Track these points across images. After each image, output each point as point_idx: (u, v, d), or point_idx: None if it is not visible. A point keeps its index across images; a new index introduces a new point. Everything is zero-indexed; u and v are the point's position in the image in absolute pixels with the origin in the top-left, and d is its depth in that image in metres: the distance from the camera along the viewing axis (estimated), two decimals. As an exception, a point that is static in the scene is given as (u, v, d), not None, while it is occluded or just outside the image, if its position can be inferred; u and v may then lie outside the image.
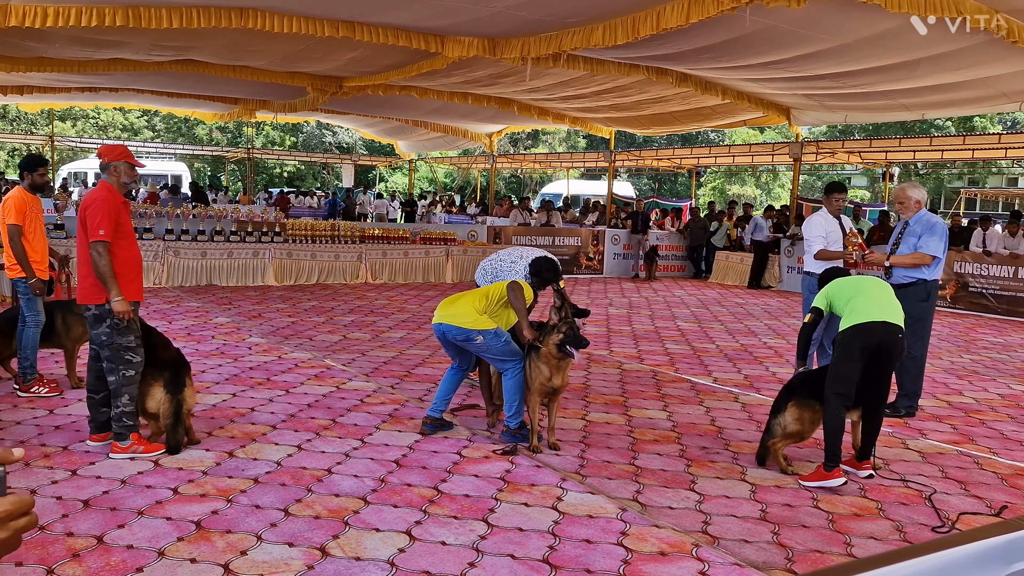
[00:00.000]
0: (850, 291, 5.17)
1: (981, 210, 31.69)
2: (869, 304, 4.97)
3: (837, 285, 5.30)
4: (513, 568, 3.57)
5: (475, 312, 5.33)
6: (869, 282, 5.27)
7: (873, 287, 5.18)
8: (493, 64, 12.53)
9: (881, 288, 5.19)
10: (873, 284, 5.23)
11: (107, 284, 4.75)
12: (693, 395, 7.11)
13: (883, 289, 5.19)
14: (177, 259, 12.99)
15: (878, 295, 5.07)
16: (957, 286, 14.34)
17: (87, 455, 4.83)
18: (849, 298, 5.10)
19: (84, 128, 38.77)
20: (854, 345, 4.87)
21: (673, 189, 42.30)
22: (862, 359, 4.85)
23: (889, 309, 4.96)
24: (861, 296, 5.06)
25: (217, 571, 3.42)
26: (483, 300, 5.42)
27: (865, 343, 4.85)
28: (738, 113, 15.78)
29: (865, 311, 4.93)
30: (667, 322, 11.64)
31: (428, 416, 5.59)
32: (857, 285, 5.22)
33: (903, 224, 6.82)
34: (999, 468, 5.40)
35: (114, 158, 4.95)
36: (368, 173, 42.35)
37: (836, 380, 4.90)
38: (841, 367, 4.91)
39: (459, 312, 5.37)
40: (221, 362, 7.48)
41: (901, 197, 6.79)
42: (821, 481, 4.83)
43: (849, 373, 4.87)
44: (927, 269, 6.51)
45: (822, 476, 4.84)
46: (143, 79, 15.88)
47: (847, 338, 4.92)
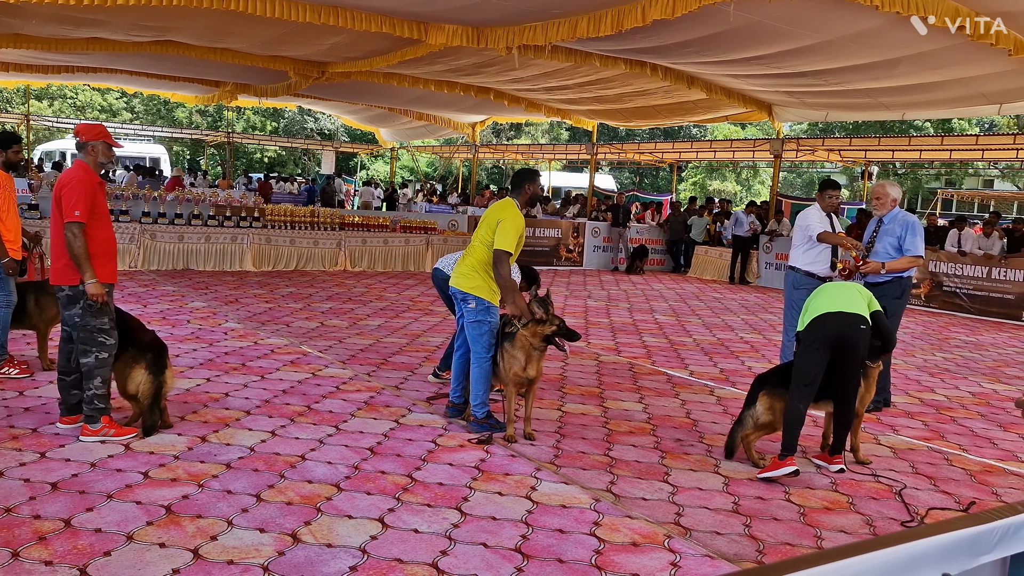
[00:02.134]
0: (815, 295, 5.21)
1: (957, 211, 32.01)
2: (825, 301, 5.02)
3: (809, 298, 5.30)
4: (485, 557, 3.57)
5: (480, 269, 5.45)
6: (834, 286, 5.31)
7: (833, 288, 5.22)
8: (477, 53, 12.49)
9: (844, 288, 5.20)
10: (837, 286, 5.27)
11: (81, 265, 4.68)
12: (669, 388, 7.14)
13: (843, 288, 5.20)
14: (153, 242, 12.85)
15: (836, 292, 5.10)
16: (932, 285, 14.50)
17: (57, 437, 4.77)
18: (809, 303, 5.15)
19: (61, 108, 38.29)
20: (811, 338, 4.91)
21: (654, 183, 42.45)
22: (823, 351, 4.86)
23: (847, 302, 4.97)
24: (818, 296, 5.12)
25: (186, 556, 3.39)
26: (486, 242, 5.48)
27: (822, 335, 4.86)
28: (720, 108, 15.83)
29: (821, 306, 4.98)
30: (645, 315, 11.68)
31: (450, 402, 5.80)
32: (819, 291, 5.26)
33: (877, 222, 6.82)
34: (968, 465, 5.47)
35: (91, 137, 4.88)
36: (349, 160, 42.14)
37: (797, 374, 4.93)
38: (801, 361, 4.94)
39: (464, 272, 5.54)
40: (196, 347, 7.42)
41: (879, 193, 6.80)
42: (773, 471, 4.84)
43: (809, 367, 4.88)
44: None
45: (776, 465, 4.87)
46: (122, 59, 15.67)
47: (805, 333, 4.97)
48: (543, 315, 5.25)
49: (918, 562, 1.34)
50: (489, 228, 5.44)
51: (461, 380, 5.73)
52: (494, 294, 5.44)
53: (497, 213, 5.47)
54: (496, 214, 5.47)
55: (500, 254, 5.33)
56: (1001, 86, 11.14)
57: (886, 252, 6.62)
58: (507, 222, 5.37)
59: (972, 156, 20.40)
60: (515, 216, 5.43)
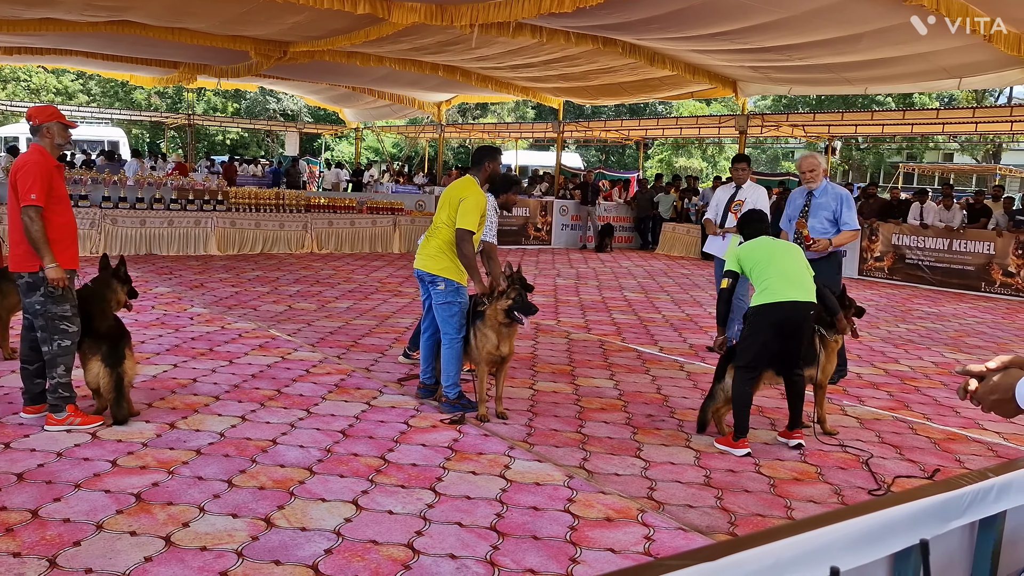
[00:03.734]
0: (762, 256, 5.08)
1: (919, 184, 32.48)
2: (780, 280, 4.92)
3: (747, 249, 5.19)
4: (461, 536, 3.57)
5: (447, 250, 5.43)
6: (780, 249, 5.15)
7: (784, 256, 5.08)
8: (441, 31, 12.36)
9: (792, 257, 5.10)
10: (784, 252, 5.12)
11: (40, 251, 4.58)
12: (639, 364, 7.19)
13: (794, 258, 5.10)
14: (115, 227, 12.61)
15: (789, 267, 5.00)
16: (894, 258, 14.73)
17: (21, 427, 4.69)
18: (761, 266, 5.03)
19: (15, 91, 37.30)
20: (760, 324, 4.92)
21: (621, 161, 42.50)
22: (769, 334, 4.89)
23: (799, 284, 4.94)
24: (772, 267, 4.99)
25: (158, 543, 3.35)
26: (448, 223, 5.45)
27: (771, 321, 4.89)
28: (686, 85, 15.85)
29: (775, 288, 4.90)
30: (614, 292, 11.73)
31: (421, 383, 5.79)
32: (769, 251, 5.11)
33: (807, 194, 6.62)
34: (932, 433, 5.58)
35: (44, 119, 4.76)
36: (313, 141, 41.64)
37: (741, 355, 4.97)
38: (746, 342, 4.98)
39: (431, 254, 5.50)
40: (161, 332, 7.31)
41: (812, 165, 6.58)
42: (728, 447, 4.93)
43: (753, 350, 4.92)
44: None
45: (730, 443, 4.95)
46: (77, 40, 15.28)
47: (755, 315, 4.96)
48: (503, 288, 5.24)
49: (893, 529, 1.36)
50: (452, 208, 5.41)
51: (431, 361, 5.72)
52: (462, 274, 5.43)
53: (459, 192, 5.43)
54: (458, 193, 5.43)
55: (463, 233, 5.31)
56: (960, 60, 11.27)
57: (822, 227, 6.46)
58: (468, 201, 5.33)
59: (933, 130, 20.68)
60: (477, 194, 5.40)
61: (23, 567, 3.11)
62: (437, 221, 5.55)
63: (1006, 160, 37.49)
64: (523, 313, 5.21)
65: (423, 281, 5.59)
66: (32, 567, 3.11)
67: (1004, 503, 1.63)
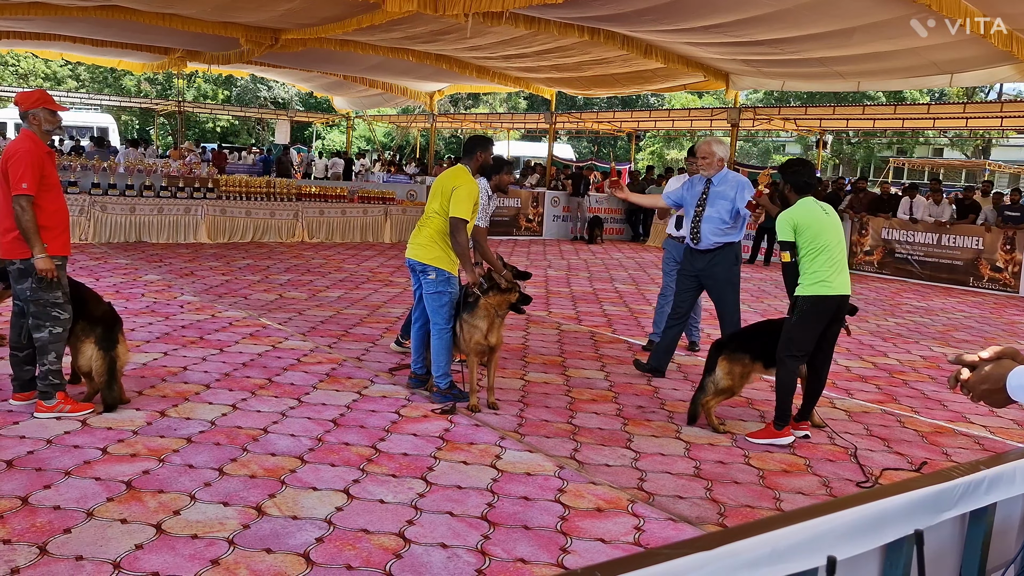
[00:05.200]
0: (816, 229, 4.85)
1: (909, 179, 32.65)
2: (831, 267, 4.82)
3: (804, 214, 4.89)
4: (452, 525, 3.58)
5: (438, 240, 5.44)
6: (829, 224, 4.91)
7: (833, 233, 4.91)
8: (434, 20, 12.30)
9: (838, 235, 4.95)
10: (833, 229, 4.92)
11: (30, 239, 4.55)
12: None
13: (839, 236, 4.95)
14: (104, 214, 12.53)
15: (836, 248, 4.88)
16: (884, 252, 14.80)
17: (10, 415, 4.67)
18: (815, 239, 4.81)
19: (3, 76, 36.98)
20: (814, 315, 4.87)
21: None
22: (821, 325, 4.91)
23: (845, 269, 4.95)
24: (823, 250, 4.82)
25: (149, 531, 3.35)
26: (442, 212, 5.45)
27: (825, 313, 4.89)
28: (678, 77, 15.83)
29: (829, 280, 4.81)
30: (605, 284, 11.74)
31: (412, 373, 5.80)
32: (821, 224, 4.88)
33: (705, 183, 6.35)
34: (920, 426, 5.63)
35: (31, 105, 4.71)
36: (304, 130, 41.46)
37: (794, 344, 4.91)
38: (799, 331, 4.90)
39: (422, 243, 5.50)
40: (152, 320, 7.28)
41: (706, 152, 6.25)
42: (770, 439, 4.94)
43: (808, 338, 4.91)
44: (735, 233, 6.29)
45: (772, 434, 4.96)
46: (66, 24, 15.13)
47: (810, 305, 4.86)
48: (507, 283, 5.30)
49: (887, 520, 1.37)
50: (444, 197, 5.40)
51: (421, 351, 5.72)
52: (453, 264, 5.43)
53: (451, 180, 5.42)
54: (450, 182, 5.42)
55: (456, 222, 5.31)
56: (952, 55, 11.30)
57: (719, 217, 6.20)
58: (461, 190, 5.33)
59: (923, 125, 20.78)
60: (469, 183, 5.39)
61: (13, 554, 3.10)
62: (429, 210, 5.54)
63: (995, 156, 37.71)
64: (523, 304, 5.45)
65: (414, 271, 5.59)
66: (22, 554, 3.10)
67: (994, 495, 1.65)
